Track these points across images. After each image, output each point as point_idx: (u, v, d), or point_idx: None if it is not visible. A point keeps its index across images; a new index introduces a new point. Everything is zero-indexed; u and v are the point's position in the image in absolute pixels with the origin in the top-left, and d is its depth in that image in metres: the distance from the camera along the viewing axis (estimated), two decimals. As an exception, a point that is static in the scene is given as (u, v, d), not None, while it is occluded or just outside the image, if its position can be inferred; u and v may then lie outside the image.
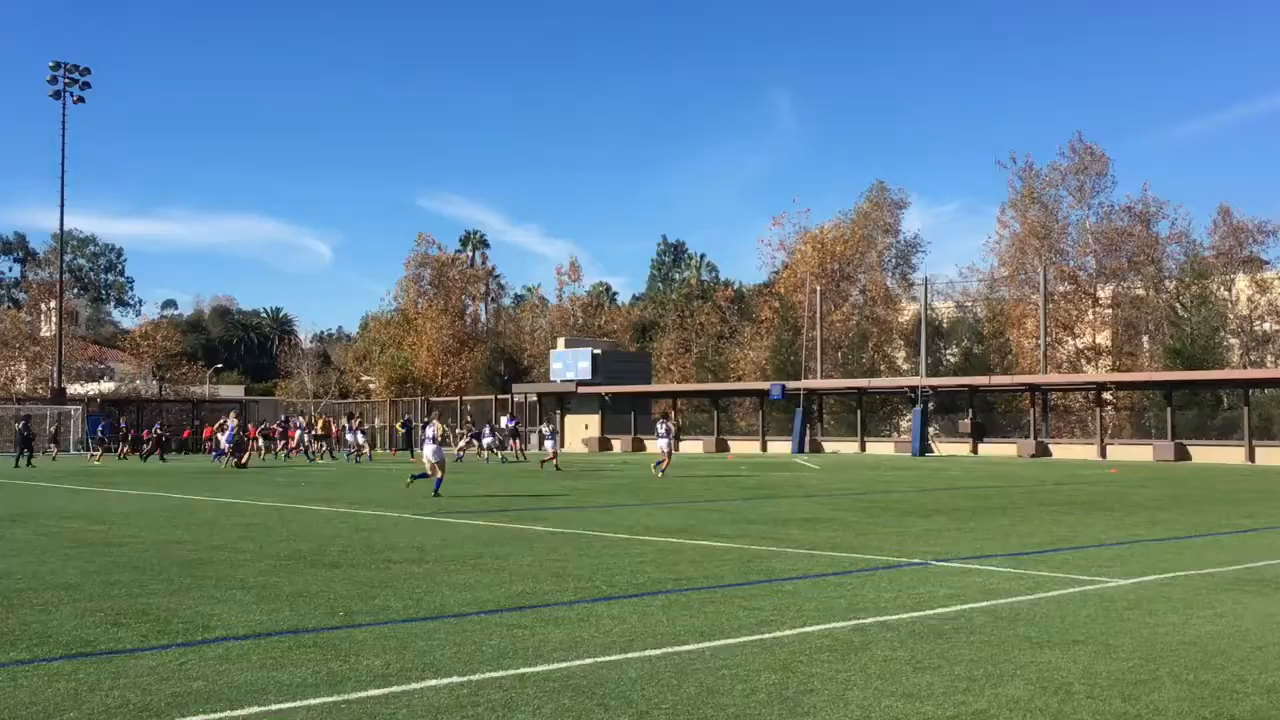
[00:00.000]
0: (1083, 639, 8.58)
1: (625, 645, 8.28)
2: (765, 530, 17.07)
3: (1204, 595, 10.76)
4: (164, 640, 8.48)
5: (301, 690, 6.91)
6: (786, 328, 74.70)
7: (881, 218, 79.65)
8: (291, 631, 8.84)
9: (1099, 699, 6.76)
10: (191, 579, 11.74)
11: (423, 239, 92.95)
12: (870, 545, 15.04)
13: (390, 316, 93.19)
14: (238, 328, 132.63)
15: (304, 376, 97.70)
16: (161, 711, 6.41)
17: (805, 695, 6.83)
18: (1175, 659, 7.87)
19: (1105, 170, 71.70)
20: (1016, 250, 72.44)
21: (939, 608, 9.99)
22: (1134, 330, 71.21)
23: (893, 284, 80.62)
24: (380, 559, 13.45)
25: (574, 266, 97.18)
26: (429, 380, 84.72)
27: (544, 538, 16.00)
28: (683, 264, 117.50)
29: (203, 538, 16.05)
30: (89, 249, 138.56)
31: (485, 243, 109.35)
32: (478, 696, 6.77)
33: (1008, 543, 15.46)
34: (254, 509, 21.56)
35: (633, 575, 12.01)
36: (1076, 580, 11.72)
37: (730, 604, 10.18)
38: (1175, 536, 16.46)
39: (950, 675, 7.35)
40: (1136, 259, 70.26)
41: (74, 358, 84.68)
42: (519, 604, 10.17)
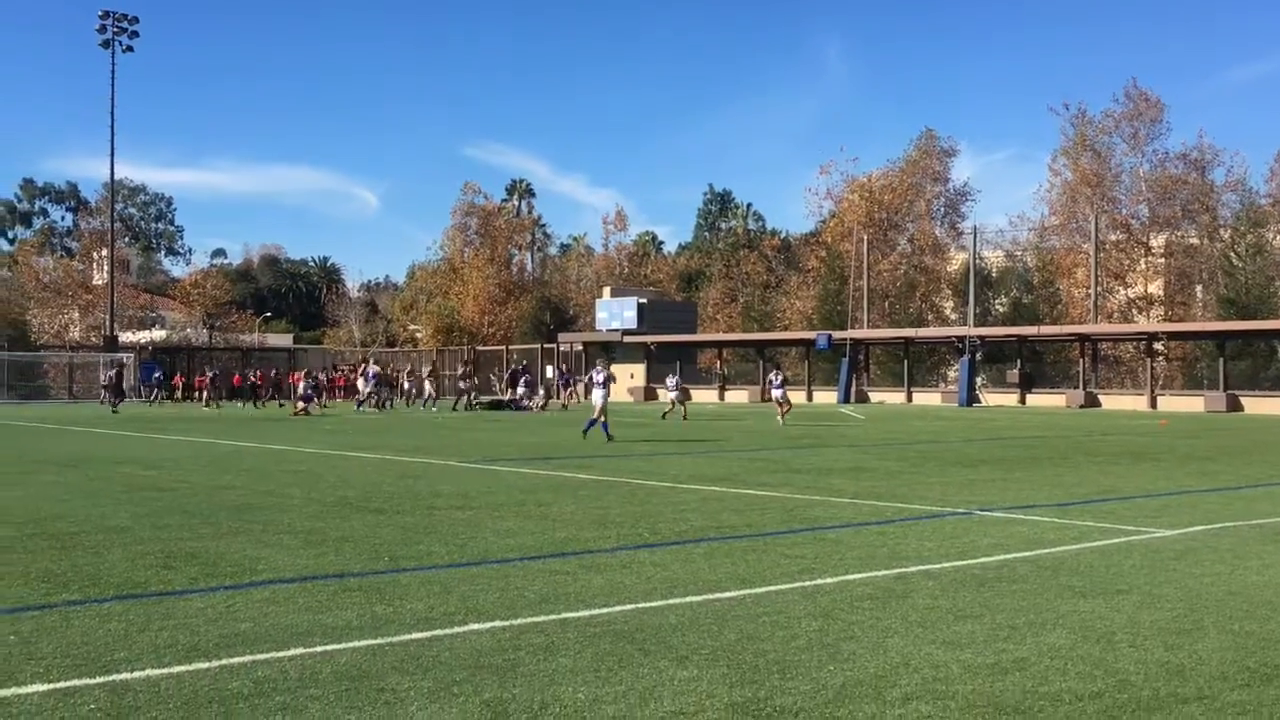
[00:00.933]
0: (1127, 589, 8.53)
1: (666, 592, 8.32)
2: (809, 480, 17.06)
3: (1252, 546, 10.65)
4: (212, 583, 8.62)
5: (346, 633, 7.00)
6: (833, 277, 74.25)
7: (930, 166, 78.78)
8: (337, 576, 8.95)
9: (1141, 648, 6.72)
10: (240, 523, 11.91)
11: (469, 188, 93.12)
12: (914, 495, 15.00)
13: (437, 266, 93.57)
14: (286, 277, 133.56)
15: (351, 325, 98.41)
16: (209, 652, 6.52)
17: (845, 642, 6.84)
18: (1220, 609, 7.81)
19: (1160, 117, 70.56)
20: (1068, 198, 71.53)
21: (982, 557, 9.96)
22: (1187, 280, 70.23)
23: (941, 233, 79.87)
24: (425, 505, 13.58)
25: (620, 216, 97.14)
26: (475, 329, 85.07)
27: (587, 485, 16.08)
28: (729, 213, 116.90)
29: (251, 483, 16.25)
30: (139, 198, 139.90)
31: (531, 192, 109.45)
32: (519, 640, 6.83)
33: (1053, 493, 15.37)
34: (302, 455, 21.80)
35: (675, 523, 12.05)
36: (1122, 530, 11.64)
37: (772, 552, 10.20)
38: (1225, 488, 16.30)
39: (991, 624, 7.33)
40: (1191, 207, 69.18)
41: (125, 306, 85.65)
42: (561, 550, 10.24)
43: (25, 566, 9.32)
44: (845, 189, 79.54)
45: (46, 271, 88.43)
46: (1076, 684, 5.96)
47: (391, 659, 6.40)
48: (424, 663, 6.32)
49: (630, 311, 67.60)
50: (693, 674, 6.11)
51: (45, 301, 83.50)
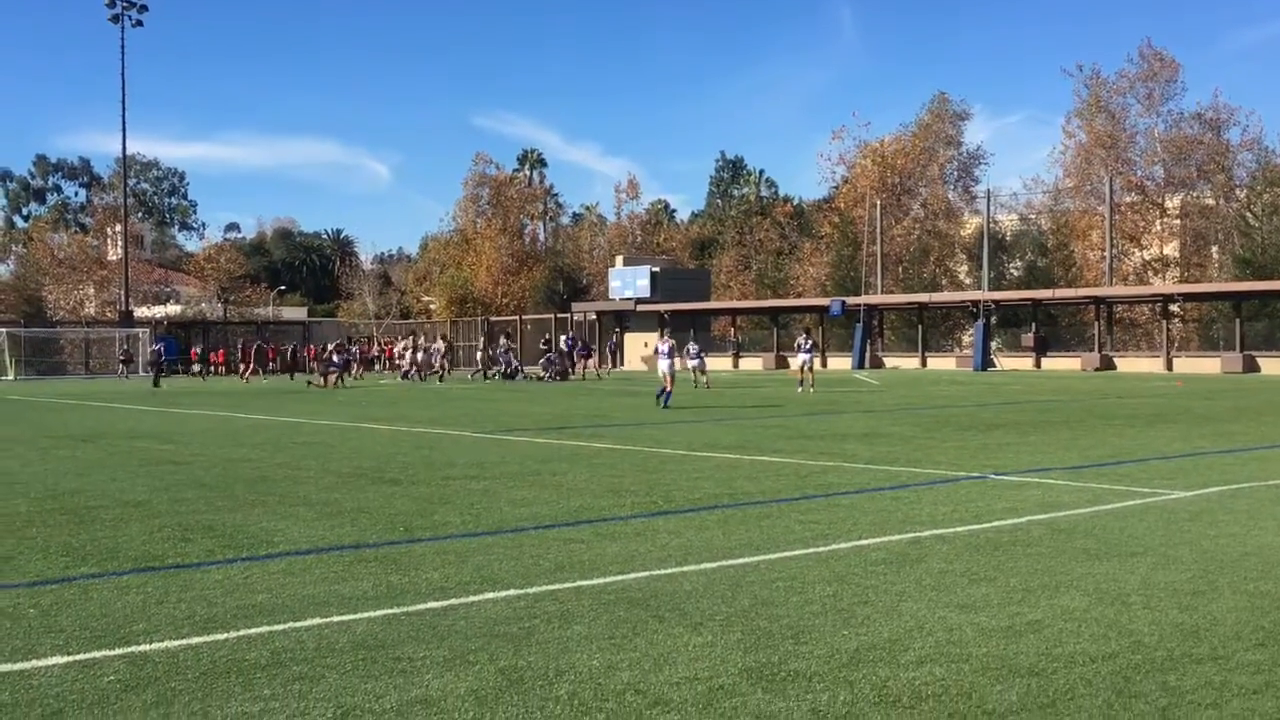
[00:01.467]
0: (1141, 550, 8.52)
1: (681, 559, 8.34)
2: (823, 445, 17.06)
3: (1268, 507, 10.63)
4: (229, 555, 8.67)
5: (362, 603, 7.04)
6: (846, 243, 74.00)
7: (943, 130, 78.32)
8: (353, 546, 8.99)
9: (1156, 609, 6.73)
10: (256, 496, 11.96)
11: (480, 158, 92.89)
12: (928, 459, 14.99)
13: (449, 237, 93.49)
14: (299, 250, 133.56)
15: (365, 298, 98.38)
16: (226, 623, 6.56)
17: (859, 606, 6.85)
18: (1236, 570, 7.80)
19: (1175, 77, 70.00)
20: (1082, 161, 71.12)
21: (996, 521, 9.96)
22: (1203, 241, 69.86)
23: (954, 197, 79.49)
24: (440, 476, 13.62)
25: (632, 184, 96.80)
26: (489, 300, 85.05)
27: (602, 454, 16.11)
28: (741, 180, 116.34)
29: (267, 456, 16.32)
30: (152, 173, 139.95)
31: (543, 161, 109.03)
32: (534, 609, 6.86)
33: (1068, 456, 15.34)
34: (317, 428, 21.87)
35: (689, 491, 12.08)
36: (1137, 493, 11.63)
37: (786, 518, 10.22)
38: (1241, 449, 16.26)
39: (1006, 587, 7.34)
40: (1206, 168, 68.71)
41: (140, 281, 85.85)
42: (576, 519, 10.27)
43: (44, 541, 9.39)
44: (858, 154, 79.18)
45: (61, 248, 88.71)
46: (1090, 646, 5.97)
47: (407, 628, 6.44)
48: (440, 631, 6.35)
49: (643, 280, 67.51)
50: (707, 640, 6.13)
51: (61, 278, 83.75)
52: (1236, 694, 5.18)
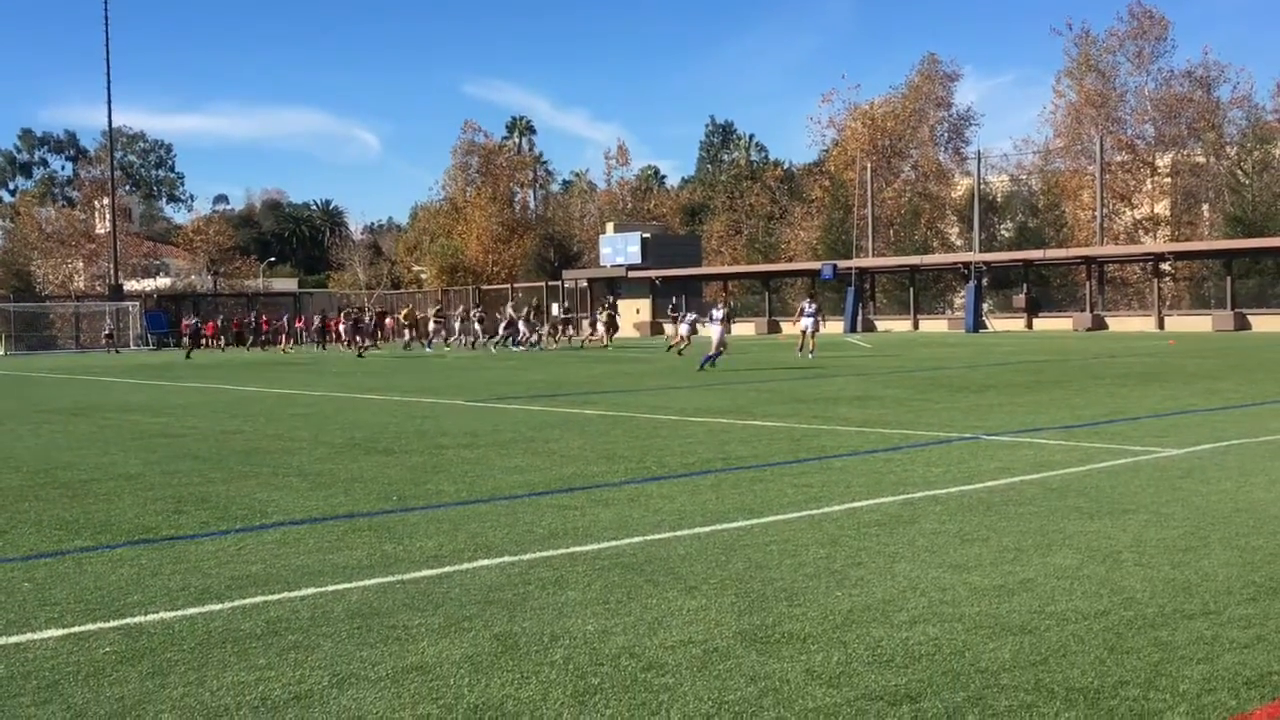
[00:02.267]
0: (1134, 508, 8.55)
1: (674, 524, 8.36)
2: (816, 409, 17.08)
3: (1259, 462, 10.67)
4: (223, 526, 8.67)
5: (357, 572, 7.05)
6: (837, 206, 73.93)
7: (933, 91, 78.15)
8: (346, 516, 9.00)
9: (1148, 566, 6.75)
10: (249, 467, 11.96)
11: (469, 126, 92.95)
12: (921, 421, 15.02)
13: (439, 206, 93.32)
14: (289, 221, 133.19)
15: (356, 268, 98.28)
16: (221, 594, 6.57)
17: (853, 568, 6.88)
18: (1227, 525, 7.83)
19: (1165, 34, 69.92)
20: (1072, 120, 71.05)
21: (988, 481, 9.98)
22: (1193, 199, 69.85)
23: (945, 159, 79.44)
24: (433, 445, 13.62)
25: (622, 150, 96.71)
26: (480, 268, 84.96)
27: (595, 421, 16.12)
28: (731, 145, 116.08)
29: (260, 427, 16.31)
30: (138, 145, 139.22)
31: (532, 129, 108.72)
32: (529, 575, 6.87)
33: (1060, 416, 15.38)
34: (310, 399, 21.86)
35: (683, 456, 12.09)
36: (1129, 451, 11.66)
37: (780, 482, 10.23)
38: (1232, 406, 16.30)
39: (998, 546, 7.37)
40: (1196, 125, 68.66)
41: (129, 254, 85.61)
42: (570, 486, 10.28)
43: (37, 514, 9.38)
44: (848, 117, 79.06)
45: (49, 222, 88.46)
46: (1083, 603, 6.00)
47: (402, 596, 6.45)
48: (434, 599, 6.37)
49: (634, 247, 67.46)
50: (701, 603, 6.15)
51: (49, 252, 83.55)
52: (1228, 648, 5.21)
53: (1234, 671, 4.90)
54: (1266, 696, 4.62)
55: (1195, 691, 4.68)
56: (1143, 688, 4.74)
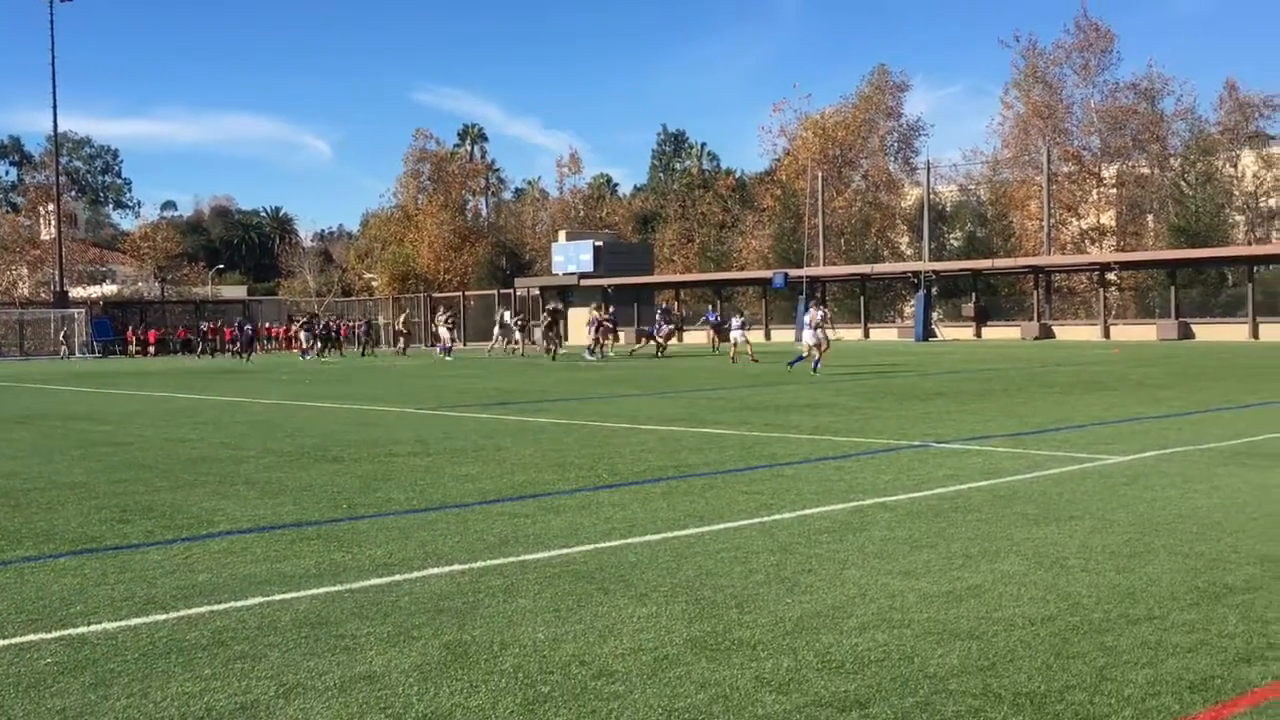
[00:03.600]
0: (1080, 514, 8.64)
1: (625, 531, 8.35)
2: (767, 417, 17.14)
3: (1202, 470, 10.81)
4: (169, 535, 8.56)
5: (305, 580, 6.99)
6: (789, 215, 74.30)
7: (883, 101, 78.74)
8: (295, 525, 8.92)
9: (1094, 572, 6.83)
10: (196, 475, 11.83)
11: (421, 134, 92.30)
12: (871, 429, 15.11)
13: (391, 213, 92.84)
14: (238, 228, 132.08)
15: (306, 275, 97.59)
16: (166, 604, 6.49)
17: (803, 575, 6.90)
18: (1171, 532, 7.93)
19: (1110, 47, 70.81)
20: (1020, 131, 71.80)
21: (938, 488, 10.05)
22: (1138, 210, 70.78)
23: (895, 168, 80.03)
24: (383, 453, 13.54)
25: (574, 158, 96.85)
26: (431, 276, 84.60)
27: (546, 429, 16.08)
28: (684, 153, 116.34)
29: (207, 435, 16.14)
30: (84, 151, 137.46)
31: (484, 136, 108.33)
32: (479, 583, 6.84)
33: (1008, 424, 15.52)
34: (259, 407, 21.67)
35: (634, 463, 12.09)
36: (1075, 458, 11.79)
37: (731, 489, 10.25)
38: (1176, 413, 16.52)
39: (947, 553, 7.42)
40: (1141, 137, 69.60)
41: (75, 261, 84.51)
42: (521, 493, 10.25)
43: (-22, 525, 9.23)
44: (799, 126, 79.48)
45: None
46: (1030, 609, 6.05)
47: (351, 605, 6.40)
48: (383, 608, 6.32)
49: (586, 255, 67.42)
50: (652, 611, 6.15)
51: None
52: (1172, 653, 5.27)
53: (1177, 675, 4.96)
54: (1209, 700, 4.68)
55: (1140, 695, 4.73)
56: (1088, 692, 4.78)
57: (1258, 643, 5.39)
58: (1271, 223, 65.18)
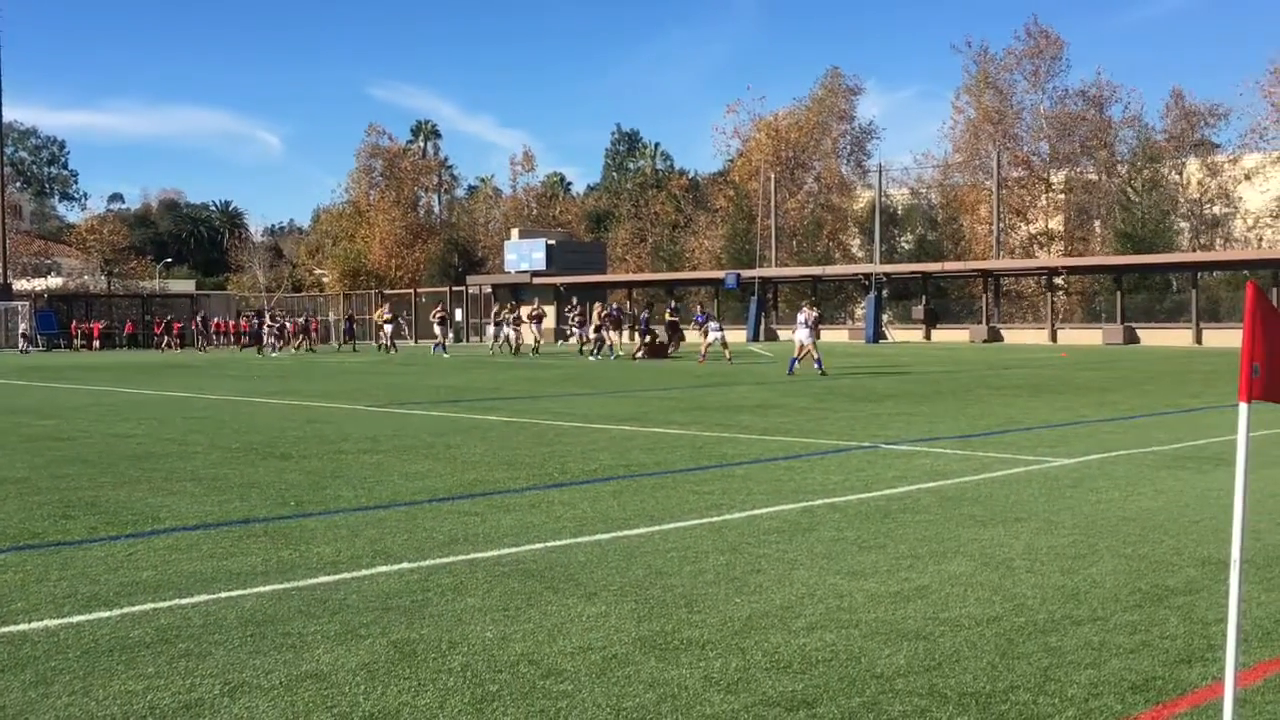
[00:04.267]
0: (1026, 516, 8.73)
1: (575, 530, 8.35)
2: (718, 417, 17.18)
3: (1146, 473, 10.96)
4: (113, 532, 8.46)
5: (251, 578, 6.93)
6: (741, 216, 74.56)
7: (836, 104, 79.19)
8: (242, 522, 8.84)
9: (1039, 573, 6.90)
10: (141, 472, 11.69)
11: (373, 129, 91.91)
12: (821, 430, 15.18)
13: (342, 209, 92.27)
14: (187, 221, 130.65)
15: (256, 270, 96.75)
16: (110, 600, 6.41)
17: (752, 575, 6.92)
18: (1115, 534, 8.03)
19: (1060, 54, 71.61)
20: (971, 136, 72.44)
21: (886, 489, 10.12)
22: (1086, 215, 71.65)
23: (847, 171, 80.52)
24: (332, 450, 13.44)
25: (528, 157, 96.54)
26: (382, 272, 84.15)
27: (497, 427, 16.04)
28: (637, 153, 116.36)
29: (153, 431, 15.96)
30: (30, 141, 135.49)
31: (437, 133, 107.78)
32: (428, 582, 6.81)
33: (956, 425, 15.65)
34: (206, 402, 21.45)
35: (585, 463, 12.08)
36: (1022, 460, 11.91)
37: (681, 489, 10.27)
38: (1121, 417, 16.73)
39: (895, 553, 7.47)
40: (1089, 143, 70.44)
41: (19, 253, 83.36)
42: (471, 492, 10.21)
43: (-83, 520, 9.07)
44: (752, 128, 79.77)
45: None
46: (976, 609, 6.10)
47: (298, 603, 6.35)
48: (331, 606, 6.28)
49: (539, 253, 67.32)
50: (601, 610, 6.15)
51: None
52: (1115, 654, 5.34)
53: (1120, 676, 5.02)
54: (1150, 701, 4.74)
55: (1083, 696, 4.79)
56: (1033, 692, 4.83)
57: (1198, 644, 5.47)
58: (1215, 230, 66.17)
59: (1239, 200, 65.10)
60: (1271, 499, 9.31)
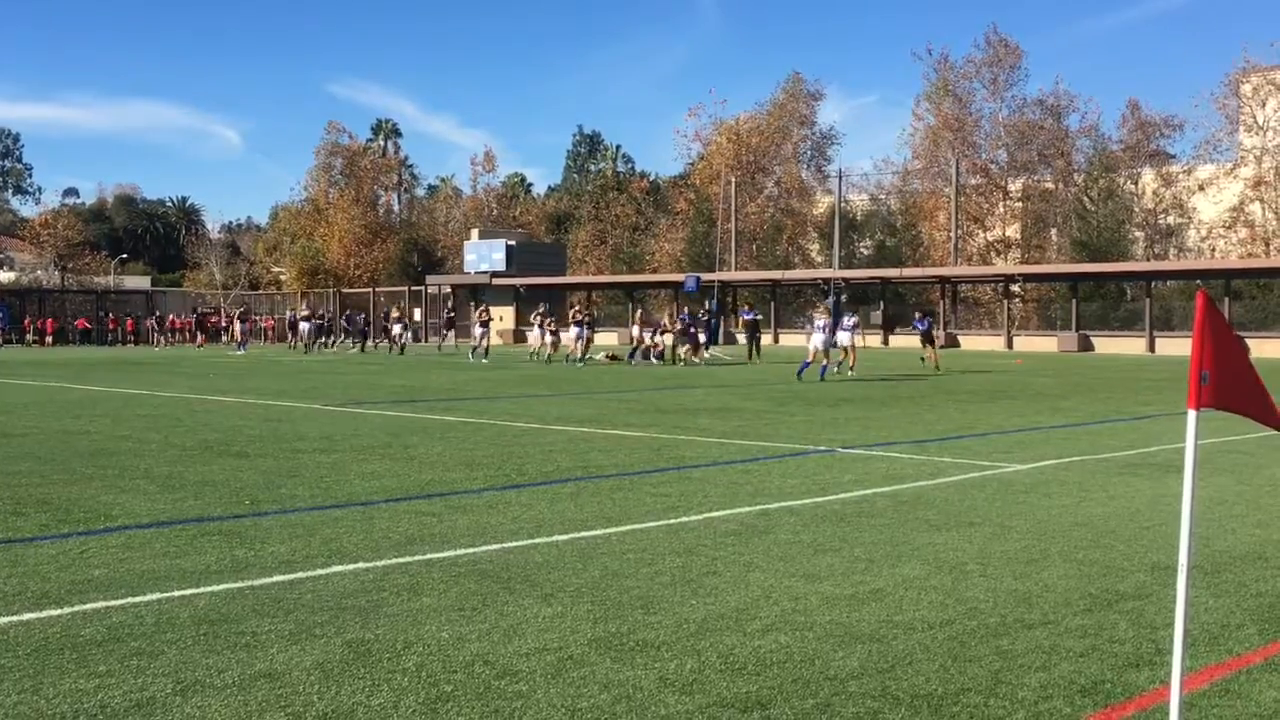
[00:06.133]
0: (979, 521, 8.81)
1: (532, 531, 8.35)
2: (676, 420, 17.21)
3: (1098, 479, 11.08)
4: (64, 529, 8.38)
5: (205, 577, 6.88)
6: (701, 220, 74.68)
7: (797, 109, 79.45)
8: (196, 520, 8.77)
9: (992, 577, 6.96)
10: (94, 469, 11.58)
11: (333, 127, 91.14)
12: (779, 433, 15.24)
13: (301, 207, 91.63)
14: (143, 217, 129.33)
15: (212, 267, 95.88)
16: (61, 599, 6.35)
17: (708, 577, 6.95)
18: (1067, 539, 8.12)
19: (1018, 63, 72.23)
20: (930, 143, 72.89)
21: (842, 493, 10.18)
22: (1043, 223, 72.28)
23: (808, 176, 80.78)
24: (289, 449, 13.37)
25: (489, 157, 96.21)
26: (341, 271, 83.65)
27: (455, 428, 16.00)
28: (599, 155, 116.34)
29: (106, 428, 15.80)
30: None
31: (398, 132, 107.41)
32: (383, 581, 6.79)
33: (912, 430, 15.76)
34: (160, 400, 21.26)
35: (542, 464, 12.08)
36: (977, 465, 12.01)
37: (638, 491, 10.29)
38: (1075, 423, 16.90)
39: (850, 557, 7.52)
40: (1047, 152, 71.06)
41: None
42: (428, 492, 10.19)
43: None
44: (713, 132, 79.88)
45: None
46: (929, 613, 6.16)
47: (252, 602, 6.32)
48: (285, 605, 6.25)
49: (499, 254, 67.13)
50: (557, 611, 6.15)
51: (-117, 242, 79.72)
52: (1065, 657, 5.40)
53: (1070, 680, 5.09)
54: (1099, 704, 4.81)
55: (1033, 699, 4.84)
56: (984, 695, 4.88)
57: (1146, 648, 5.55)
58: (1169, 239, 66.95)
59: (1193, 211, 65.90)
60: (1220, 505, 9.44)
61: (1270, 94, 63.28)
